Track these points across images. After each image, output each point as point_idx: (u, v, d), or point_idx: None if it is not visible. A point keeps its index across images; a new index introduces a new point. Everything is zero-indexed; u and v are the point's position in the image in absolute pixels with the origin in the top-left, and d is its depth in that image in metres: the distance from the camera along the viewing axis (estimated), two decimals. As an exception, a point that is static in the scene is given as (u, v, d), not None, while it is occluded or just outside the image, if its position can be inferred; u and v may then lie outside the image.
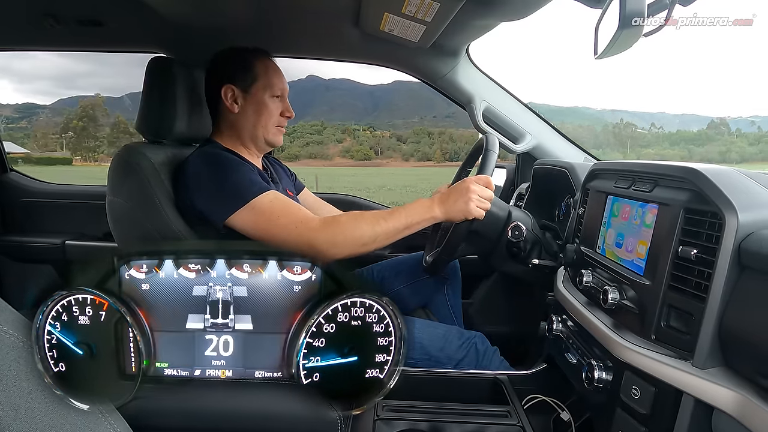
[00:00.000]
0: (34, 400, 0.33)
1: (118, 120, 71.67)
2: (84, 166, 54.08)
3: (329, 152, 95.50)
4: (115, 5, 1.08)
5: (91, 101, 76.88)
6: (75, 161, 63.16)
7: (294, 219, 0.83)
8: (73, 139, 65.34)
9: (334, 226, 0.83)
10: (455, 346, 0.97)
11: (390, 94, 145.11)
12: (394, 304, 0.39)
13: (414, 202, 0.89)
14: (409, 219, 0.86)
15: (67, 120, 68.08)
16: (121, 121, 70.84)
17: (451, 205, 0.86)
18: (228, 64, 0.96)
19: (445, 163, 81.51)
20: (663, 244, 0.57)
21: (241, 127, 0.97)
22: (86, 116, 68.40)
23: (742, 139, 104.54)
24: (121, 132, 66.79)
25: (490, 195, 0.88)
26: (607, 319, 0.67)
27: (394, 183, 22.51)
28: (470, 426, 0.74)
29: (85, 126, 64.29)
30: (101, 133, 71.58)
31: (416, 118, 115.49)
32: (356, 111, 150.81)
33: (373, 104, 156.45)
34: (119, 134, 66.72)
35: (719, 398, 0.48)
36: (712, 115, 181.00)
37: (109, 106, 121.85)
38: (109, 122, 74.00)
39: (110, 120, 74.12)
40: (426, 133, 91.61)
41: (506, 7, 0.95)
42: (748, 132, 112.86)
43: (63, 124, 67.39)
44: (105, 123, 73.85)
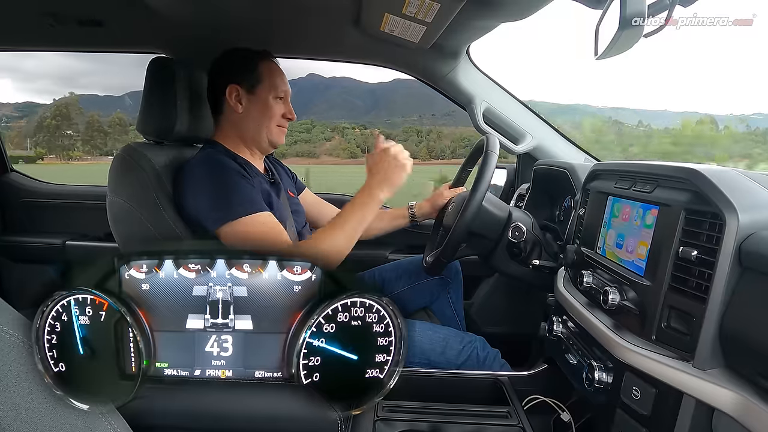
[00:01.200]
0: (34, 401, 0.33)
1: (92, 118, 71.02)
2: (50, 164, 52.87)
3: (317, 150, 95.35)
4: (115, 5, 1.08)
5: (65, 100, 76.10)
6: (49, 159, 62.33)
7: (280, 245, 0.85)
8: (47, 138, 64.74)
9: (304, 250, 0.87)
10: (456, 350, 0.97)
11: (390, 92, 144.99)
12: (394, 304, 0.38)
13: (356, 198, 0.91)
14: (361, 212, 0.88)
15: (41, 119, 67.41)
16: (95, 120, 70.29)
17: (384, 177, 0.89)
18: (233, 65, 0.97)
19: (430, 161, 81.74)
20: (663, 244, 0.57)
21: (244, 128, 0.97)
22: (59, 115, 67.66)
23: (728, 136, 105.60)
24: (95, 130, 66.38)
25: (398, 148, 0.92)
26: (607, 320, 0.67)
27: None
28: (470, 427, 0.74)
29: (58, 125, 63.66)
30: (74, 131, 70.76)
31: (415, 116, 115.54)
32: (356, 109, 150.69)
33: (373, 102, 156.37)
34: (93, 132, 66.28)
35: (720, 399, 0.47)
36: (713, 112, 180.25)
37: (109, 104, 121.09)
38: (83, 120, 73.18)
39: (85, 118, 73.34)
40: (415, 132, 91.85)
41: (506, 7, 0.95)
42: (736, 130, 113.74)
43: (37, 123, 66.64)
44: (79, 121, 72.97)
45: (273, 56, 1.01)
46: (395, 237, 1.30)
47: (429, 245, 1.14)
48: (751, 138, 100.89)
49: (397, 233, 1.25)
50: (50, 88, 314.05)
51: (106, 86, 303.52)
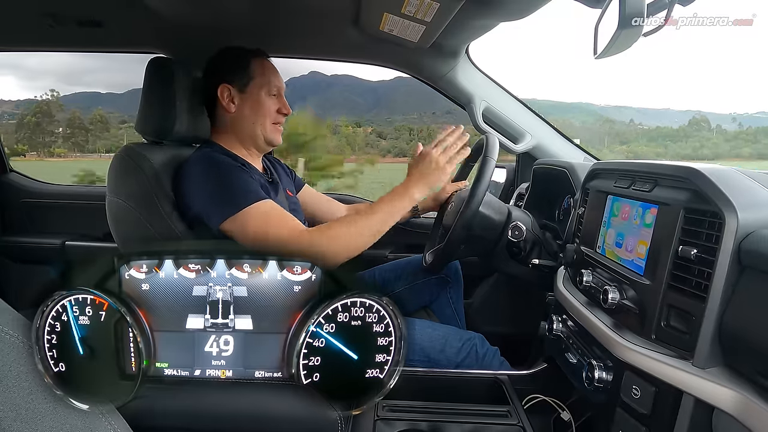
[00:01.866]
0: (34, 401, 0.33)
1: (73, 115, 70.39)
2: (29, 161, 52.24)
3: None
4: (115, 5, 1.08)
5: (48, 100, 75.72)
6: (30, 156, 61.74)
7: (288, 230, 0.84)
8: (27, 135, 64.16)
9: (326, 234, 0.84)
10: (455, 348, 0.97)
11: (391, 90, 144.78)
12: (394, 304, 0.39)
13: (389, 195, 0.90)
14: (391, 207, 0.87)
15: (21, 116, 66.70)
16: (76, 117, 69.67)
17: (421, 176, 0.88)
18: (224, 64, 0.97)
19: None
20: (663, 243, 0.57)
21: (239, 127, 0.97)
22: (40, 112, 66.90)
23: (719, 135, 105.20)
24: (76, 128, 65.92)
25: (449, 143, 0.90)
26: (607, 318, 0.67)
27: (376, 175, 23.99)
28: (470, 426, 0.74)
29: (39, 122, 63.00)
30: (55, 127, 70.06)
31: (415, 115, 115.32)
32: (357, 107, 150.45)
33: (375, 101, 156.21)
34: (74, 129, 65.83)
35: (719, 398, 0.48)
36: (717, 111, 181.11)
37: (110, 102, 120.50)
38: (64, 117, 72.60)
39: (66, 115, 72.68)
40: (407, 130, 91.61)
41: (506, 7, 0.95)
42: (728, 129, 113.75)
43: (17, 121, 65.94)
44: (60, 118, 72.46)
45: (266, 54, 1.00)
46: (395, 237, 1.30)
47: (429, 244, 1.14)
48: (742, 137, 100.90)
49: (397, 233, 1.25)
50: (53, 85, 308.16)
51: (110, 84, 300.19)
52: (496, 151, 0.93)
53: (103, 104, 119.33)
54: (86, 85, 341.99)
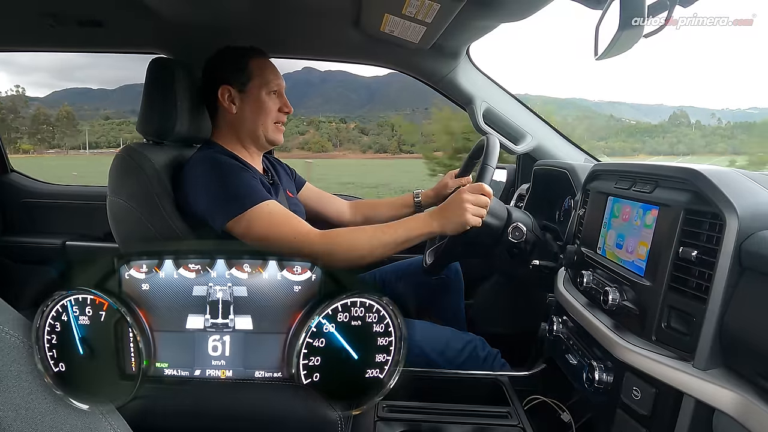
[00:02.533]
0: (34, 401, 0.33)
1: (38, 111, 69.87)
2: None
3: (289, 144, 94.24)
4: (115, 6, 1.09)
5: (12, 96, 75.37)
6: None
7: (292, 230, 0.84)
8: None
9: (332, 239, 0.84)
10: (456, 350, 0.97)
11: (385, 86, 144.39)
12: (394, 304, 0.39)
13: (413, 217, 0.90)
14: (408, 233, 0.86)
15: None
16: (42, 112, 69.17)
17: (448, 218, 0.86)
18: (223, 65, 0.96)
19: (400, 154, 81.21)
20: (663, 245, 0.57)
21: (240, 127, 0.97)
22: (4, 108, 66.50)
23: (696, 131, 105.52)
24: (41, 123, 65.47)
25: (485, 201, 0.87)
26: (607, 320, 0.67)
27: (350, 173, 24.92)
28: (470, 427, 0.74)
29: (3, 118, 62.45)
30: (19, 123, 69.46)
31: (408, 110, 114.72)
32: (351, 103, 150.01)
33: (369, 96, 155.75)
34: (39, 126, 65.38)
35: (720, 399, 0.47)
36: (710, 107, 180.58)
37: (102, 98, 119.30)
38: (29, 113, 72.03)
39: (30, 111, 72.17)
40: (389, 126, 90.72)
41: (506, 8, 0.95)
42: (707, 124, 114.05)
43: None
44: (25, 114, 71.89)
45: (264, 53, 1.00)
46: None
47: (428, 245, 1.14)
48: (719, 133, 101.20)
49: None
50: (46, 81, 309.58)
51: (103, 80, 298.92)
52: (495, 157, 0.92)
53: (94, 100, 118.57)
54: (79, 81, 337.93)
